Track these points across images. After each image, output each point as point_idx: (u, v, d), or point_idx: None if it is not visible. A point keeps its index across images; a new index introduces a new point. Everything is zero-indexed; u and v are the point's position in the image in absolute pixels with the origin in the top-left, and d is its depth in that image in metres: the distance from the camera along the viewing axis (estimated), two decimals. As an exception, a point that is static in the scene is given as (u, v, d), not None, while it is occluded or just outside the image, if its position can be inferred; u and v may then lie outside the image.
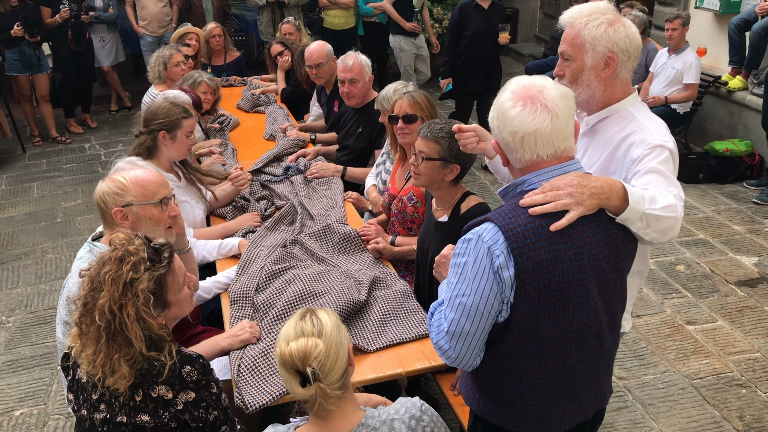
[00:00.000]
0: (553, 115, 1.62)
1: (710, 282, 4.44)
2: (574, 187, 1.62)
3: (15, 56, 6.81)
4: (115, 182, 2.33)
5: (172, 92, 3.91)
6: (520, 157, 1.67)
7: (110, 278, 1.77)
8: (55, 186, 6.33)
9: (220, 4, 7.68)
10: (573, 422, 1.82)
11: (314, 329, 1.68)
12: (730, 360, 3.70)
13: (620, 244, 1.73)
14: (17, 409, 3.48)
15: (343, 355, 1.70)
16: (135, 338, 1.77)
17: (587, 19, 2.03)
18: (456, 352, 1.71)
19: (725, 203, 5.61)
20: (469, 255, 1.64)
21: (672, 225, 1.80)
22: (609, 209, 1.69)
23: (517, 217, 1.62)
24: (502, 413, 1.81)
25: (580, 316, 1.68)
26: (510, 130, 1.64)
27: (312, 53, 4.65)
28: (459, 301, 1.66)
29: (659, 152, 1.96)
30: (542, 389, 1.75)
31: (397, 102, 3.17)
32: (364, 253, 3.07)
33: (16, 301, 4.45)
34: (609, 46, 2.01)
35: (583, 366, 1.77)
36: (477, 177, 6.27)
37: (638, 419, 3.29)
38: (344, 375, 1.70)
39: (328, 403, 1.68)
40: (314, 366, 1.63)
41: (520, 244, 1.59)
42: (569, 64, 2.08)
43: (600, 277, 1.70)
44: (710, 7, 6.56)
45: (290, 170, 3.96)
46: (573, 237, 1.63)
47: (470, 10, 5.98)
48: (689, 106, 6.21)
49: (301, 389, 1.66)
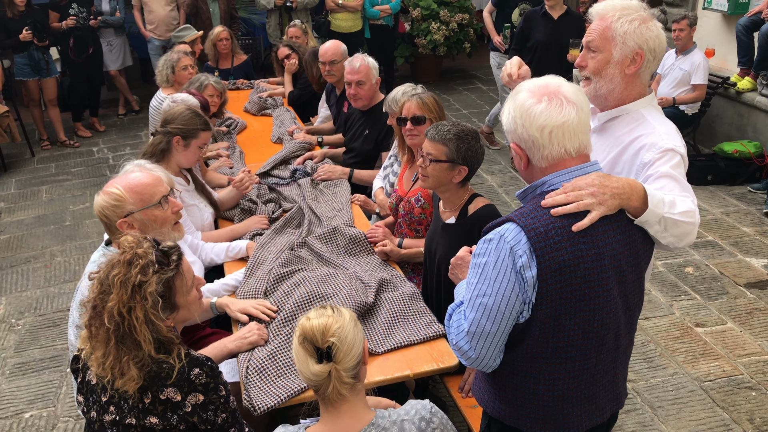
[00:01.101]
0: (578, 107, 1.65)
1: (719, 284, 4.42)
2: (596, 188, 1.62)
3: (24, 60, 6.85)
4: (111, 194, 2.30)
5: (180, 96, 3.93)
6: (547, 153, 1.67)
7: (119, 281, 1.78)
8: (64, 189, 6.36)
9: (226, 7, 7.71)
10: (590, 424, 1.81)
11: (334, 313, 1.74)
12: (739, 362, 3.67)
13: (639, 245, 1.73)
14: (27, 412, 3.50)
15: (359, 344, 1.73)
16: (144, 341, 1.78)
17: (620, 14, 2.03)
18: (476, 353, 1.71)
19: (734, 205, 5.58)
20: (490, 255, 1.64)
21: (689, 231, 1.80)
22: (629, 210, 1.69)
23: (539, 217, 1.62)
24: (519, 415, 1.80)
25: (601, 317, 1.68)
26: (538, 125, 1.64)
27: (327, 50, 4.69)
28: (480, 302, 1.66)
29: (671, 156, 1.96)
30: (560, 390, 1.74)
31: (406, 104, 3.18)
32: (372, 256, 3.07)
33: (26, 304, 4.47)
34: (640, 42, 2.02)
35: (602, 367, 1.77)
36: (484, 179, 6.26)
37: (647, 422, 3.27)
38: (358, 365, 1.72)
39: (341, 387, 1.69)
40: (333, 342, 1.67)
41: (543, 244, 1.59)
42: (595, 55, 2.07)
43: (620, 278, 1.70)
44: (718, 8, 6.53)
45: (297, 173, 3.97)
46: (595, 237, 1.63)
47: (537, 19, 5.45)
48: (697, 108, 6.19)
49: (317, 366, 1.67)
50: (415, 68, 9.52)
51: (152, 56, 7.75)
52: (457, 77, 9.78)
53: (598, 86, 2.08)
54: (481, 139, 2.63)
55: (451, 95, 8.88)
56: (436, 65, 9.58)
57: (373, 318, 2.61)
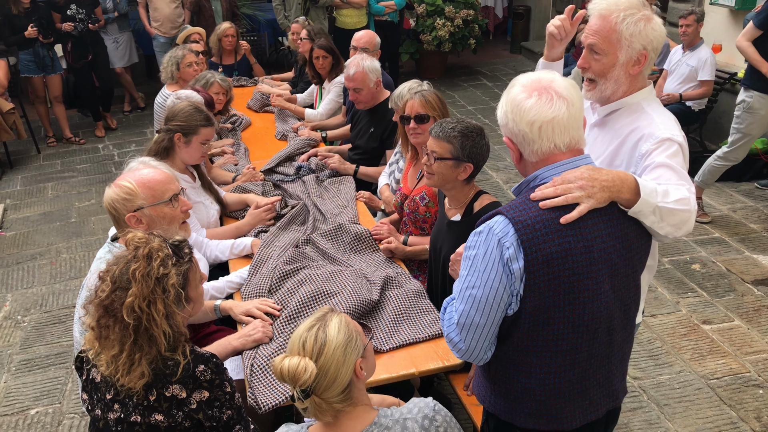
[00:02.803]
0: (568, 103, 1.64)
1: (726, 281, 4.39)
2: (585, 180, 1.62)
3: (29, 57, 6.87)
4: (122, 188, 2.30)
5: (184, 92, 3.93)
6: (537, 148, 1.67)
7: (140, 274, 1.77)
8: (69, 186, 6.38)
9: (228, 5, 7.71)
10: (584, 419, 1.81)
11: (315, 346, 1.65)
12: (746, 360, 3.65)
13: (632, 238, 1.73)
14: (33, 408, 3.51)
15: (345, 373, 1.66)
16: (160, 335, 1.77)
17: (624, 14, 1.98)
18: (466, 345, 1.73)
19: (741, 201, 5.55)
20: (479, 247, 1.66)
21: (686, 218, 1.79)
22: (621, 202, 1.69)
23: (527, 210, 1.63)
24: (513, 409, 1.81)
25: (591, 310, 1.68)
26: (527, 121, 1.65)
27: (362, 36, 4.77)
28: (469, 294, 1.68)
29: (668, 146, 1.95)
30: (552, 385, 1.75)
31: (409, 102, 3.16)
32: (377, 253, 3.07)
33: (32, 300, 4.48)
34: (645, 43, 2.00)
35: (595, 362, 1.76)
36: (489, 176, 6.24)
37: (653, 420, 3.26)
38: (347, 389, 1.68)
39: (323, 414, 1.67)
40: (308, 384, 1.61)
41: (530, 236, 1.60)
42: (599, 58, 2.03)
43: (612, 271, 1.69)
44: (725, 3, 6.49)
45: (302, 170, 3.96)
46: (584, 230, 1.63)
47: None
48: (704, 104, 6.15)
49: (298, 402, 1.65)
50: (419, 64, 9.50)
51: (157, 53, 7.74)
52: (462, 73, 9.76)
53: (604, 88, 2.07)
54: (485, 135, 2.61)
55: (456, 92, 8.86)
56: (441, 61, 9.56)
57: (377, 315, 2.60)
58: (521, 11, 10.54)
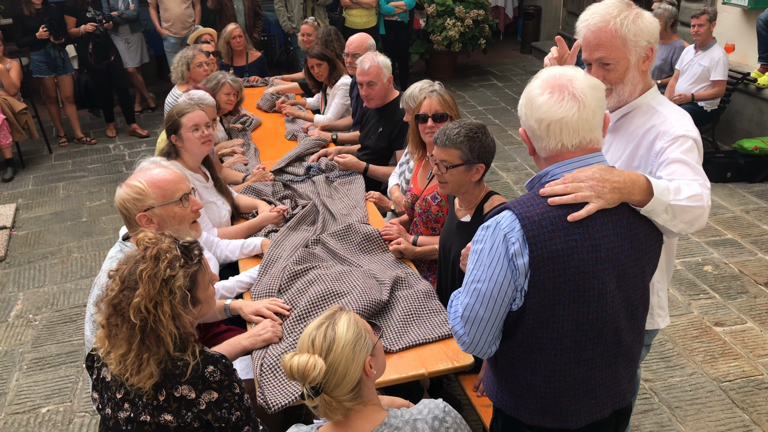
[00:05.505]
0: (580, 104, 1.62)
1: (739, 283, 4.35)
2: (596, 181, 1.61)
3: (40, 58, 6.92)
4: (133, 188, 2.31)
5: (196, 93, 3.94)
6: (545, 145, 1.67)
7: (147, 276, 1.77)
8: (81, 186, 6.41)
9: (251, 4, 7.70)
10: (589, 419, 1.80)
11: (324, 343, 1.65)
12: (759, 362, 3.62)
13: (642, 239, 1.71)
14: (44, 407, 3.53)
15: (354, 370, 1.65)
16: (167, 336, 1.78)
17: (620, 18, 1.98)
18: (470, 338, 1.74)
19: (754, 202, 5.50)
20: (486, 242, 1.67)
21: (699, 214, 1.78)
22: (632, 203, 1.68)
23: (535, 206, 1.63)
24: (519, 405, 1.81)
25: (596, 309, 1.67)
26: (536, 117, 1.65)
27: (352, 41, 4.71)
28: (474, 287, 1.69)
29: (682, 142, 1.94)
30: (557, 382, 1.74)
31: (425, 100, 3.15)
32: (386, 253, 3.06)
33: (43, 299, 4.51)
34: (648, 37, 2.01)
35: (600, 361, 1.75)
36: (500, 176, 6.23)
37: (665, 422, 3.23)
38: (357, 387, 1.67)
39: (333, 413, 1.67)
40: (313, 384, 1.61)
41: (536, 233, 1.59)
42: (612, 67, 2.02)
43: (619, 272, 1.68)
44: (738, 2, 6.43)
45: (312, 170, 3.96)
46: (591, 229, 1.62)
47: None
48: (717, 104, 6.10)
49: (308, 400, 1.65)
50: (429, 65, 9.49)
51: (168, 54, 7.78)
52: (472, 74, 9.74)
53: (621, 92, 2.07)
54: (487, 130, 2.60)
55: (466, 92, 8.84)
56: (451, 62, 9.54)
57: (387, 316, 2.59)
58: (532, 11, 10.50)
